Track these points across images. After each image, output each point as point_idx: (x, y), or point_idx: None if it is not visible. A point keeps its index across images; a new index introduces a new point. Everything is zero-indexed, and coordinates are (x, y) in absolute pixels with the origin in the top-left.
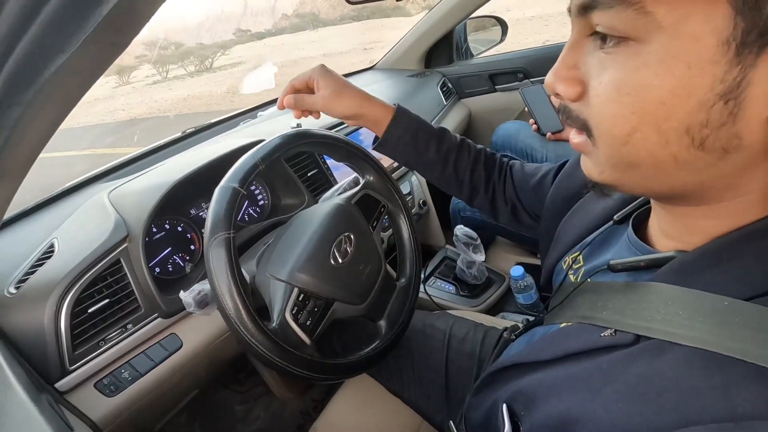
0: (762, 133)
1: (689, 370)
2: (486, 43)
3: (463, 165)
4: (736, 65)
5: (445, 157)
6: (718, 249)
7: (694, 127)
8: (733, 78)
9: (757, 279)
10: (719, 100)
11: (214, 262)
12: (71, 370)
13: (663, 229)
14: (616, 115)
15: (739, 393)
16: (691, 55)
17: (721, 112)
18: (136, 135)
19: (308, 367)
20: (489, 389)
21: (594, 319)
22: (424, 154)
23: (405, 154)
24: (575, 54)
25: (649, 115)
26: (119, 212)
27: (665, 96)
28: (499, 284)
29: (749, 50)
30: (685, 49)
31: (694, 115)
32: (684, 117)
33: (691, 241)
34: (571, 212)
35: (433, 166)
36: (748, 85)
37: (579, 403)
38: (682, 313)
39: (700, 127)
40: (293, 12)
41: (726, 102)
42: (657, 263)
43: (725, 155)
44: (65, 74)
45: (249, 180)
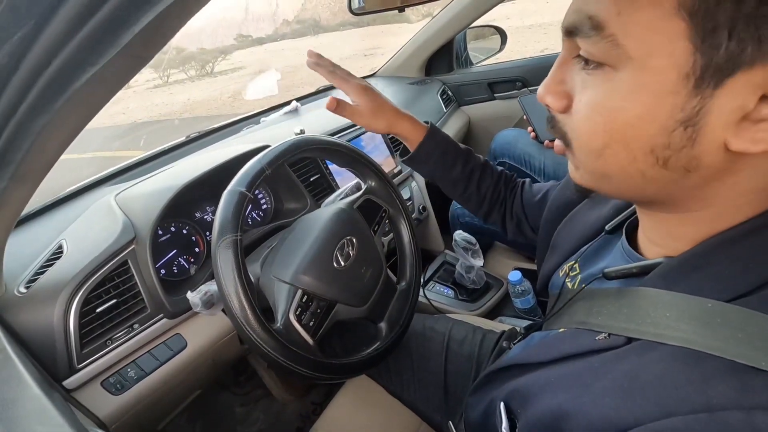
0: (719, 156)
1: (671, 366)
2: (485, 52)
3: (485, 184)
4: (695, 96)
5: (469, 176)
6: (697, 255)
7: (658, 148)
8: (692, 107)
9: (733, 282)
10: (680, 126)
11: (222, 264)
12: (79, 368)
13: (649, 237)
14: (590, 132)
15: (715, 386)
16: (655, 86)
17: (681, 137)
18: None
19: (311, 366)
20: (487, 388)
21: (589, 324)
22: (450, 171)
23: (433, 170)
24: (563, 70)
25: (619, 135)
26: (127, 215)
27: (633, 119)
28: (497, 289)
29: (707, 84)
30: (651, 79)
31: (658, 138)
32: (648, 139)
33: (675, 247)
34: (565, 221)
35: (458, 183)
36: (706, 114)
37: (570, 399)
38: (670, 315)
39: (662, 148)
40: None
41: (686, 128)
42: (646, 270)
43: (687, 173)
44: (93, 84)
45: (256, 184)
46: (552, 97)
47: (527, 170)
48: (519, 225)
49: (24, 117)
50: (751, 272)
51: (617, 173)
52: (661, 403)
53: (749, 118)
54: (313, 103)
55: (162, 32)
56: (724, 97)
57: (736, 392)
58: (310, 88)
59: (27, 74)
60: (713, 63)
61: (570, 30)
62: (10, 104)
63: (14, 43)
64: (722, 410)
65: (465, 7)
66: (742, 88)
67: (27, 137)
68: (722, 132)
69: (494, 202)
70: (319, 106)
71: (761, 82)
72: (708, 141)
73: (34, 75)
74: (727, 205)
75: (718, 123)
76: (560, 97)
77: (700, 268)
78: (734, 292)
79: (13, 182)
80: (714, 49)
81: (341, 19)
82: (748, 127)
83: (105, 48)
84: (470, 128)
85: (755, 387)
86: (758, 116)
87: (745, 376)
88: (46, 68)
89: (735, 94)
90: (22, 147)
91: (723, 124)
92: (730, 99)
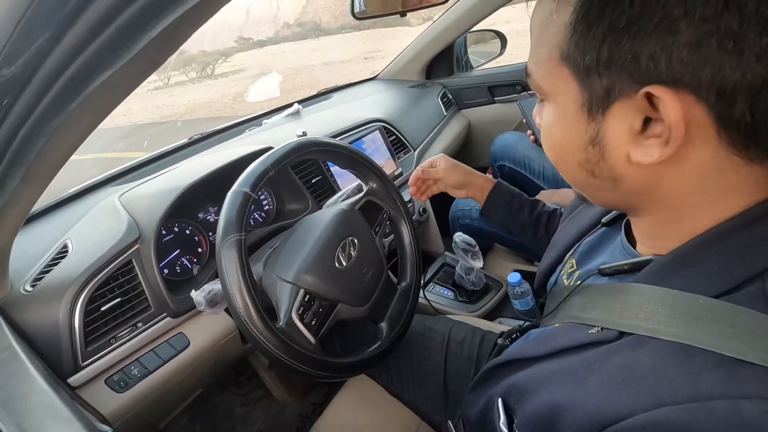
0: (630, 166)
1: (663, 359)
2: (486, 56)
3: (553, 228)
4: (591, 121)
5: (536, 221)
6: (686, 253)
7: (582, 162)
8: (592, 129)
9: (720, 278)
10: (589, 145)
11: (226, 263)
12: (83, 366)
13: (637, 236)
14: (547, 149)
15: (704, 378)
16: (564, 115)
17: (593, 153)
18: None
19: (313, 365)
20: (485, 385)
21: (583, 318)
22: (518, 218)
23: (503, 218)
24: None
25: (558, 152)
26: (131, 215)
27: (560, 140)
28: (497, 290)
29: (596, 111)
30: (560, 110)
31: (579, 154)
32: (574, 155)
33: (663, 245)
34: (568, 218)
35: (527, 229)
36: (604, 134)
37: (565, 393)
38: (662, 311)
39: (585, 162)
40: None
41: (593, 146)
42: (638, 266)
43: (616, 182)
44: (107, 87)
45: (260, 185)
46: (537, 118)
47: (527, 173)
48: None
49: (39, 118)
50: (736, 269)
51: (573, 182)
52: (652, 395)
53: (643, 134)
54: (314, 106)
55: (176, 37)
56: (613, 121)
57: (724, 383)
58: (311, 90)
59: (44, 79)
60: (595, 96)
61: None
62: (27, 107)
63: (31, 53)
64: (710, 400)
65: (466, 11)
66: (624, 113)
67: (41, 137)
68: (624, 147)
69: None
70: (320, 109)
71: (636, 108)
72: (614, 155)
73: (51, 80)
74: (682, 208)
75: (617, 141)
76: (539, 119)
77: (688, 266)
78: (721, 288)
79: (25, 181)
80: (592, 87)
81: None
82: (642, 142)
83: (121, 52)
84: (470, 131)
85: (742, 378)
86: (650, 134)
87: (732, 368)
88: (63, 73)
89: (621, 118)
90: (36, 147)
91: (621, 141)
92: (619, 122)
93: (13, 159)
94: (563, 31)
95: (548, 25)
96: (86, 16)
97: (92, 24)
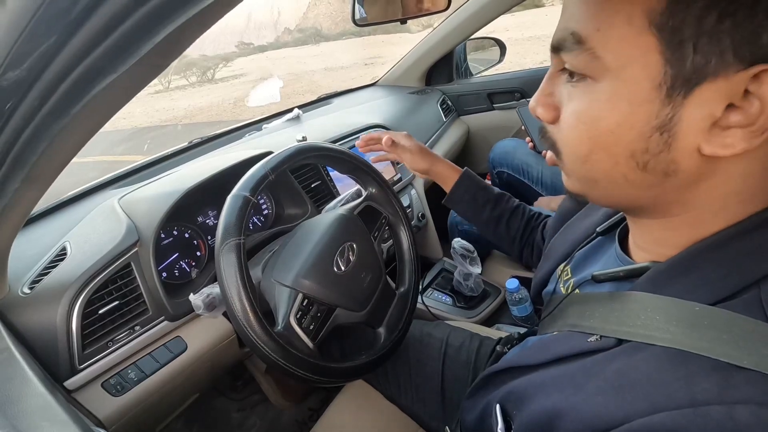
0: (693, 159)
1: (659, 365)
2: (485, 63)
3: (515, 225)
4: (668, 104)
5: (498, 217)
6: (683, 261)
7: (637, 153)
8: (665, 114)
9: (717, 286)
10: (655, 132)
11: (225, 266)
12: (80, 369)
13: (636, 243)
14: (576, 139)
15: (699, 383)
16: (631, 95)
17: (657, 142)
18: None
19: (310, 369)
20: (483, 392)
21: (582, 326)
22: (481, 213)
23: (465, 210)
24: (552, 84)
25: (601, 141)
26: (130, 217)
27: (613, 126)
28: (495, 296)
29: (677, 92)
30: (627, 89)
31: (637, 143)
32: (628, 144)
33: (661, 252)
34: (562, 228)
35: (489, 224)
36: (678, 120)
37: (564, 399)
38: (660, 318)
39: (641, 153)
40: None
41: (661, 134)
42: (634, 273)
43: (666, 177)
44: (110, 91)
45: (259, 189)
46: (542, 109)
47: (525, 180)
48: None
49: (42, 121)
50: (733, 277)
51: (602, 178)
52: (649, 400)
53: (718, 124)
54: (314, 111)
55: (179, 42)
56: (694, 105)
57: (719, 388)
58: (311, 96)
59: (48, 83)
60: (682, 74)
61: (556, 46)
62: (30, 110)
63: (36, 57)
64: (706, 405)
65: (465, 19)
66: (710, 97)
67: (43, 140)
68: (695, 137)
69: (525, 242)
70: (320, 114)
71: (726, 91)
72: (682, 146)
73: (54, 83)
74: (706, 210)
75: (690, 129)
76: (549, 109)
77: (685, 274)
78: (718, 296)
79: (26, 183)
80: (681, 61)
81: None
82: (718, 133)
83: (125, 57)
84: (469, 138)
85: (737, 383)
86: (726, 123)
87: (727, 373)
88: (67, 77)
89: (703, 102)
90: (38, 149)
91: (695, 130)
92: (699, 107)
93: (14, 161)
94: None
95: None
96: (92, 21)
97: (97, 29)
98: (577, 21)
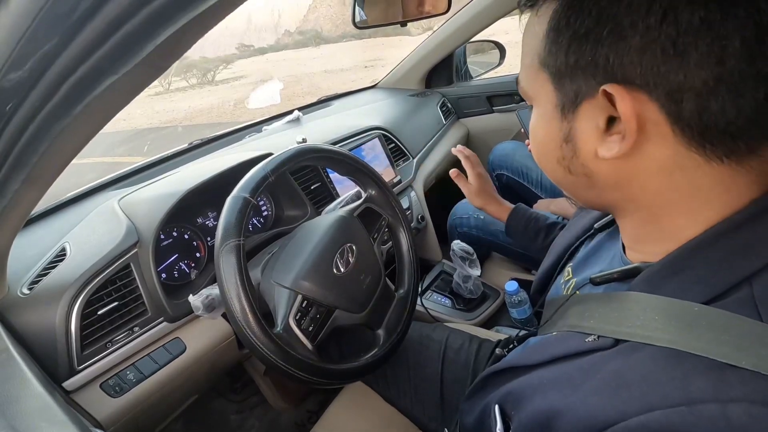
0: (600, 162)
1: (655, 365)
2: (485, 66)
3: None
4: (564, 120)
5: None
6: (675, 260)
7: (560, 159)
8: (566, 128)
9: (709, 284)
10: (563, 142)
11: (225, 267)
12: (79, 370)
13: (625, 241)
14: (532, 148)
15: (694, 382)
16: (544, 115)
17: (567, 150)
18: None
19: (309, 371)
20: (482, 392)
21: (581, 327)
22: (534, 242)
23: (521, 240)
24: None
25: (541, 150)
26: (130, 219)
27: (542, 138)
28: (494, 299)
29: (568, 111)
30: (542, 111)
31: (556, 151)
32: (552, 152)
33: (650, 251)
34: (563, 228)
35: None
36: (575, 132)
37: (561, 398)
38: (659, 318)
39: (561, 159)
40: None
41: (567, 143)
42: (627, 274)
43: (589, 178)
44: (111, 92)
45: (259, 190)
46: None
47: (525, 182)
48: None
49: (43, 122)
50: (723, 274)
51: (554, 179)
52: (644, 399)
53: (610, 132)
54: (314, 113)
55: (181, 44)
56: (582, 120)
57: (714, 387)
58: (311, 98)
59: (49, 84)
60: (568, 98)
61: None
62: (31, 111)
63: (38, 58)
64: (700, 403)
65: (466, 22)
66: (591, 113)
67: (44, 141)
68: (592, 144)
69: None
70: (320, 116)
71: (601, 107)
72: (584, 151)
73: (56, 84)
74: (663, 208)
75: (585, 138)
76: None
77: (678, 273)
78: (710, 294)
79: (26, 184)
80: (565, 88)
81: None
82: (606, 139)
83: (126, 59)
84: (469, 140)
85: (731, 382)
86: (616, 131)
87: (722, 373)
88: (69, 78)
89: (588, 117)
90: (39, 150)
91: (589, 138)
92: (586, 120)
93: (15, 162)
94: (541, 40)
95: (531, 37)
96: (94, 22)
97: (100, 31)
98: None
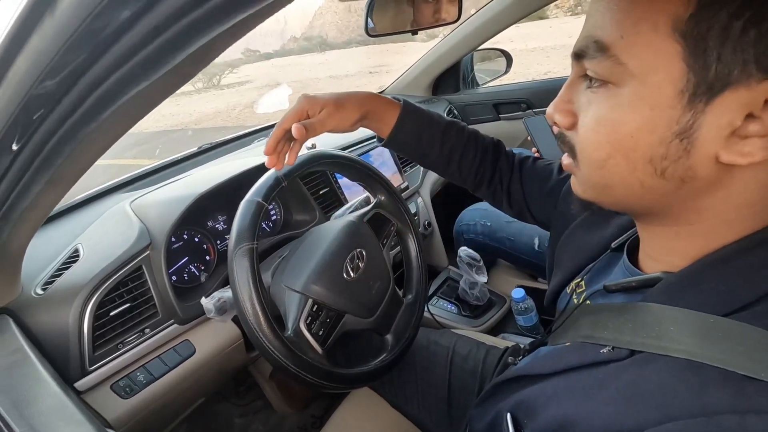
0: (711, 167)
1: (671, 375)
2: (491, 74)
3: (467, 164)
4: (689, 111)
5: (448, 157)
6: (695, 272)
7: (656, 159)
8: (686, 121)
9: (728, 298)
10: (675, 138)
11: (238, 271)
12: (90, 370)
13: (648, 254)
14: (594, 143)
15: (712, 393)
16: (653, 100)
17: (677, 148)
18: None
19: (319, 375)
20: (493, 400)
21: (595, 338)
22: (427, 156)
23: (409, 153)
24: (571, 91)
25: (620, 145)
26: (143, 221)
27: (633, 131)
28: (501, 306)
29: (699, 100)
30: (649, 94)
31: (656, 149)
32: (647, 149)
33: (673, 262)
34: (564, 238)
35: (436, 165)
36: (699, 127)
37: (576, 408)
38: (674, 329)
39: (660, 158)
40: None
41: (681, 140)
42: (645, 284)
43: (683, 184)
44: (140, 97)
45: (272, 195)
46: (560, 115)
47: None
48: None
49: (71, 126)
50: (742, 291)
51: (618, 183)
52: (660, 410)
53: (737, 133)
54: None
55: (211, 52)
56: (714, 113)
57: (732, 398)
58: None
59: (82, 90)
60: (704, 82)
61: (579, 53)
62: (61, 116)
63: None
64: (718, 414)
65: (473, 30)
66: (730, 105)
67: (69, 144)
68: (713, 145)
69: (481, 180)
70: None
71: (746, 101)
72: (701, 153)
73: (88, 91)
74: (719, 220)
75: (710, 136)
76: (567, 115)
77: (697, 285)
78: (729, 308)
79: (48, 185)
80: (705, 69)
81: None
82: (737, 142)
83: (158, 67)
84: None
85: (749, 393)
86: (745, 132)
87: (739, 384)
88: (101, 84)
89: (724, 110)
90: (64, 152)
91: (714, 137)
92: (720, 115)
93: (40, 165)
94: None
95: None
96: (130, 34)
97: (134, 43)
98: (601, 29)
